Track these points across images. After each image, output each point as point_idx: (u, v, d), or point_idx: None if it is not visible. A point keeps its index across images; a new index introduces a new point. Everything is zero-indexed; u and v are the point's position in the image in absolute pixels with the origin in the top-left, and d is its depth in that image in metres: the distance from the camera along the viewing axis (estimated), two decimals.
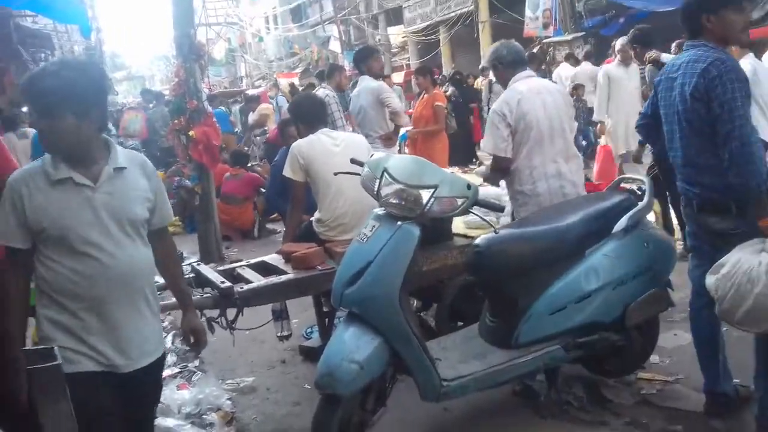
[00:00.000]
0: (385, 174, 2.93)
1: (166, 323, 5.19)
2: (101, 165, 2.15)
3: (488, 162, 4.04)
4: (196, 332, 2.48)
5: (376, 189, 2.96)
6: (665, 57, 5.52)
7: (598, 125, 7.45)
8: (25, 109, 9.39)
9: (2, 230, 2.11)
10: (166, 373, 4.19)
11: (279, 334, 4.06)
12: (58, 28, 18.95)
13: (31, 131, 8.15)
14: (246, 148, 11.11)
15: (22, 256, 2.14)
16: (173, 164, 9.83)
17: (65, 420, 1.68)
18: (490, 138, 3.73)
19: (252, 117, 12.26)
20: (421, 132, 7.78)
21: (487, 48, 17.77)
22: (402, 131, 7.44)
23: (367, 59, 6.33)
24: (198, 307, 3.46)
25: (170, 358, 4.49)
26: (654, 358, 3.65)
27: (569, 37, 13.82)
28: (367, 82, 6.26)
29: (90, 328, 2.11)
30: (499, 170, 3.80)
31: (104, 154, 2.18)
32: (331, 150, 4.00)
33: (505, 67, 3.87)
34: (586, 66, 10.89)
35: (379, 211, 2.97)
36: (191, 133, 6.49)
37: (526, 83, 3.77)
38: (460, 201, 2.87)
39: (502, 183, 4.04)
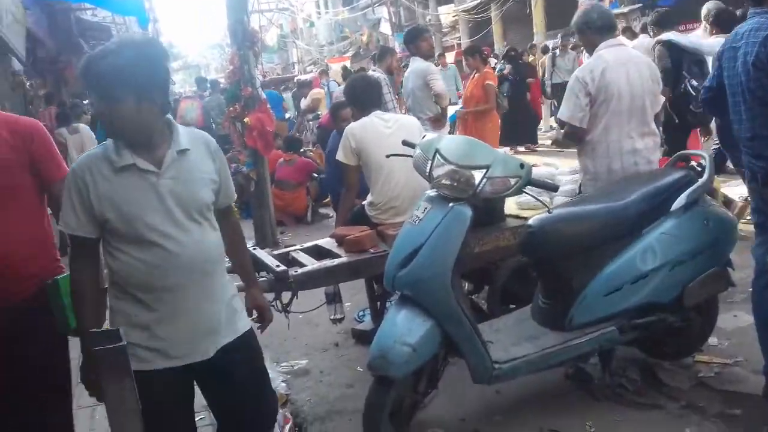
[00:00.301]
0: (437, 155, 2.92)
1: None
2: (164, 148, 2.07)
3: (553, 132, 3.95)
4: (261, 308, 2.45)
5: (427, 170, 2.95)
6: (675, 37, 5.69)
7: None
8: (87, 101, 9.73)
9: (69, 220, 2.05)
10: None
11: (332, 317, 4.11)
12: (116, 20, 19.44)
13: (84, 127, 8.40)
14: (298, 134, 11.24)
15: (90, 246, 2.08)
16: (229, 151, 10.02)
17: (129, 401, 1.74)
18: (567, 105, 3.67)
19: (304, 102, 12.37)
20: (471, 112, 7.74)
21: (540, 24, 17.46)
22: (451, 111, 7.43)
23: (415, 39, 6.30)
24: None
25: None
26: (712, 340, 3.55)
27: (626, 10, 13.42)
28: (416, 64, 6.26)
29: (163, 319, 2.05)
30: (572, 139, 3.74)
31: (167, 137, 2.09)
32: (383, 132, 4.00)
33: (593, 33, 3.74)
34: (644, 39, 10.49)
35: (431, 192, 2.97)
36: (246, 119, 6.63)
37: (613, 52, 3.65)
38: (512, 181, 2.84)
39: (558, 162, 3.97)
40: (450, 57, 16.55)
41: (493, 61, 14.58)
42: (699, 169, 3.30)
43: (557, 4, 14.75)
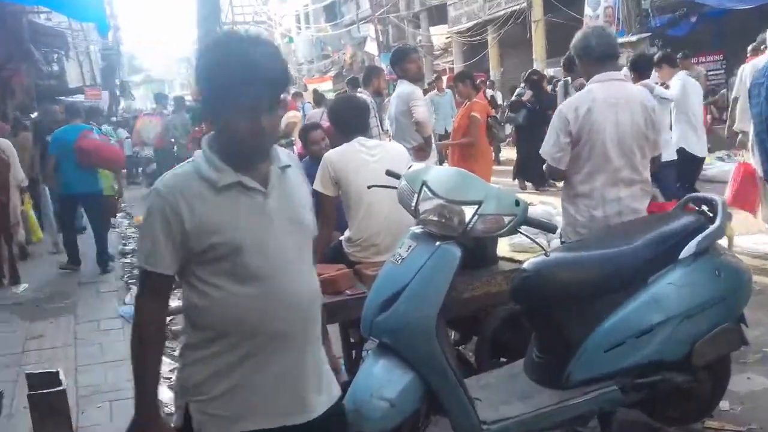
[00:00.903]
0: (424, 188, 2.94)
1: (176, 352, 5.26)
2: (266, 164, 1.95)
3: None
4: (334, 365, 2.32)
5: (413, 204, 2.96)
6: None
7: (738, 137, 7.13)
8: (35, 114, 9.69)
9: (150, 253, 1.89)
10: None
11: None
12: (73, 26, 19.53)
13: (5, 141, 8.29)
14: None
15: (169, 284, 1.94)
16: None
17: None
18: (547, 141, 3.70)
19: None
20: (456, 145, 7.73)
21: (540, 50, 17.82)
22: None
23: (402, 60, 6.32)
24: None
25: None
26: (724, 404, 3.55)
27: (633, 39, 13.69)
28: (401, 87, 6.26)
29: (260, 372, 1.91)
30: (553, 177, 3.79)
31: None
32: (366, 160, 4.00)
33: (591, 62, 3.71)
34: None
35: (417, 229, 2.98)
36: None
37: (605, 88, 3.62)
38: (507, 219, 2.86)
39: (556, 201, 4.01)
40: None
41: (489, 91, 14.81)
42: (710, 214, 3.35)
43: (560, 30, 15.06)
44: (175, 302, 6.16)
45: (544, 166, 3.82)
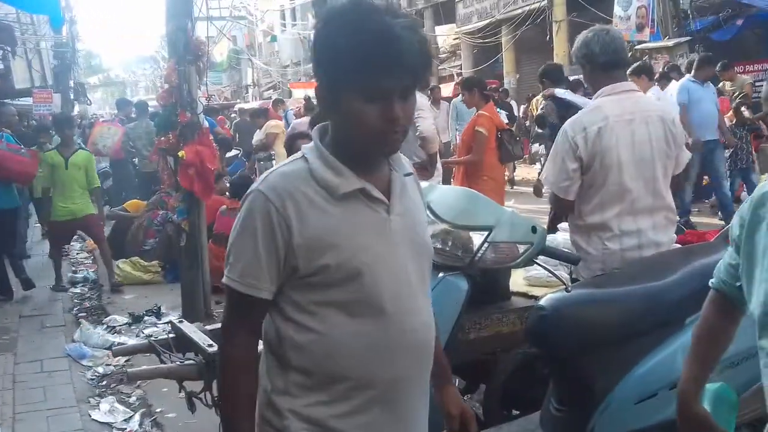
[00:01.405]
0: (427, 210, 2.94)
1: (132, 398, 5.24)
2: (386, 170, 1.86)
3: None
4: (466, 416, 2.14)
5: None
6: (560, 92, 7.14)
7: None
8: None
9: (247, 271, 1.78)
10: None
11: None
12: (21, 19, 19.66)
13: None
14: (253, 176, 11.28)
15: (263, 311, 1.85)
16: (156, 193, 10.04)
17: None
18: (552, 168, 3.65)
19: (257, 136, 12.44)
20: (458, 163, 7.67)
21: (562, 55, 17.97)
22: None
23: None
24: (176, 377, 3.51)
25: None
26: None
27: (670, 43, 13.83)
28: None
29: (371, 427, 1.82)
30: (558, 208, 3.74)
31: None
32: None
33: (594, 70, 3.71)
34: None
35: None
36: (181, 153, 6.63)
37: (616, 102, 3.61)
38: (521, 248, 2.87)
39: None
40: (448, 90, 16.85)
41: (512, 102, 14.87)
42: None
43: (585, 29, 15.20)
44: (131, 339, 6.12)
45: (547, 195, 3.80)
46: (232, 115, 18.11)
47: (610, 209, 3.57)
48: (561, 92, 7.19)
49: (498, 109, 9.05)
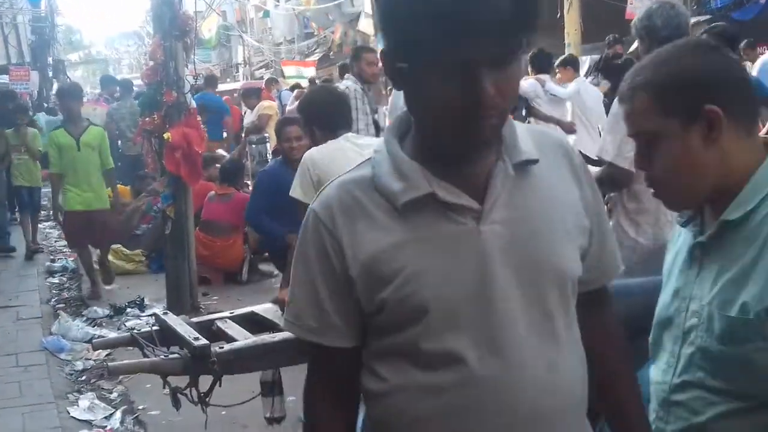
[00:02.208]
0: None
1: (113, 395, 5.25)
2: (487, 161, 1.45)
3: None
4: None
5: None
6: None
7: None
8: None
9: (305, 310, 1.53)
10: None
11: (268, 416, 4.05)
12: None
13: None
14: (245, 161, 11.26)
15: (338, 367, 1.56)
16: (145, 178, 10.01)
17: None
18: (612, 138, 3.63)
19: (248, 117, 12.41)
20: None
21: (574, 34, 17.92)
22: None
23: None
24: (160, 372, 3.51)
25: None
26: None
27: (691, 21, 13.82)
28: None
29: None
30: (614, 184, 3.72)
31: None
32: (356, 160, 3.99)
33: (653, 43, 3.68)
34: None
35: None
36: (167, 135, 6.61)
37: None
38: None
39: None
40: None
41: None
42: None
43: (599, 9, 15.17)
44: (112, 332, 6.14)
45: (601, 172, 3.75)
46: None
47: None
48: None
49: None
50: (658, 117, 1.69)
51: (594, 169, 3.77)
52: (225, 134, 13.16)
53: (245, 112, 13.02)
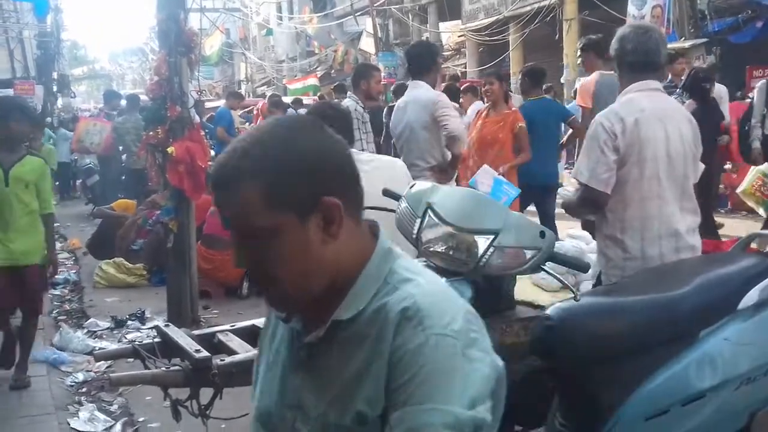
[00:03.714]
0: (429, 212, 2.95)
1: (114, 406, 5.23)
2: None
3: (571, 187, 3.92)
4: None
5: (415, 232, 2.97)
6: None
7: None
8: None
9: None
10: None
11: None
12: (3, 6, 19.66)
13: None
14: None
15: None
16: (147, 192, 10.00)
17: None
18: (587, 160, 3.62)
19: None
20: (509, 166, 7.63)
21: (572, 55, 17.98)
22: (491, 176, 7.47)
23: (430, 59, 6.38)
24: (161, 384, 3.51)
25: None
26: None
27: (687, 45, 13.88)
28: (419, 91, 6.22)
29: None
30: (590, 206, 3.73)
31: None
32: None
33: (622, 66, 3.73)
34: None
35: (419, 261, 2.97)
36: (170, 149, 6.64)
37: (648, 98, 3.65)
38: (529, 254, 2.86)
39: (587, 235, 4.00)
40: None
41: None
42: None
43: (597, 31, 15.21)
44: (113, 344, 6.14)
45: (575, 194, 3.78)
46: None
47: (650, 207, 3.60)
48: None
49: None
50: (270, 212, 1.45)
51: (568, 191, 3.81)
52: None
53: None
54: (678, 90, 8.69)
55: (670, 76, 9.18)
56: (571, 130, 8.54)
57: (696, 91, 8.51)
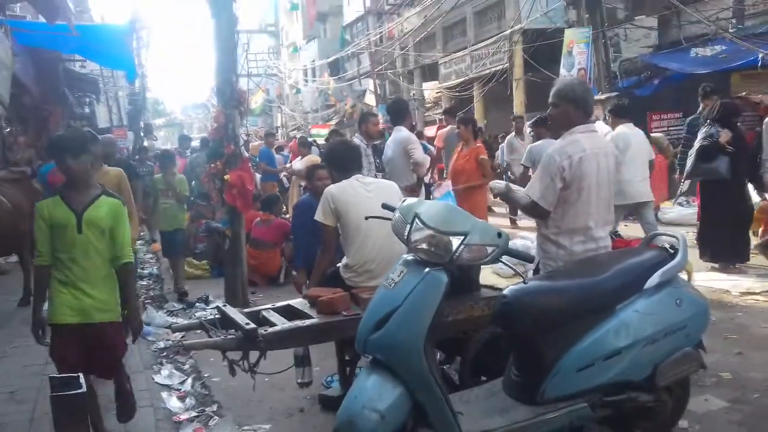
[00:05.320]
0: (416, 219, 2.94)
1: (186, 366, 5.20)
2: None
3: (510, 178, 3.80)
4: None
5: (406, 234, 2.96)
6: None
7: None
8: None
9: None
10: (183, 416, 4.18)
11: (299, 381, 4.02)
12: (104, 73, 19.62)
13: None
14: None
15: None
16: (195, 205, 9.91)
17: None
18: (540, 185, 3.57)
19: (297, 164, 12.32)
20: (462, 188, 7.76)
21: (520, 105, 18.00)
22: (446, 190, 7.54)
23: (404, 110, 6.79)
24: (221, 348, 3.49)
25: (188, 401, 4.48)
26: (683, 423, 3.52)
27: (603, 97, 13.87)
28: (398, 134, 6.56)
29: None
30: (536, 216, 3.70)
31: None
32: (363, 195, 4.05)
33: (578, 110, 3.61)
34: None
35: (408, 256, 2.97)
36: (226, 176, 6.66)
37: (590, 139, 3.60)
38: (490, 249, 2.85)
39: (533, 236, 3.98)
40: (431, 131, 16.89)
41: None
42: (672, 251, 3.36)
43: (538, 87, 15.25)
44: (185, 320, 6.10)
45: (526, 203, 3.72)
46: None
47: (581, 219, 3.56)
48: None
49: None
50: None
51: (499, 184, 3.76)
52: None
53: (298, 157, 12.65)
54: (708, 121, 7.35)
55: (701, 107, 8.21)
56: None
57: (726, 122, 7.19)
